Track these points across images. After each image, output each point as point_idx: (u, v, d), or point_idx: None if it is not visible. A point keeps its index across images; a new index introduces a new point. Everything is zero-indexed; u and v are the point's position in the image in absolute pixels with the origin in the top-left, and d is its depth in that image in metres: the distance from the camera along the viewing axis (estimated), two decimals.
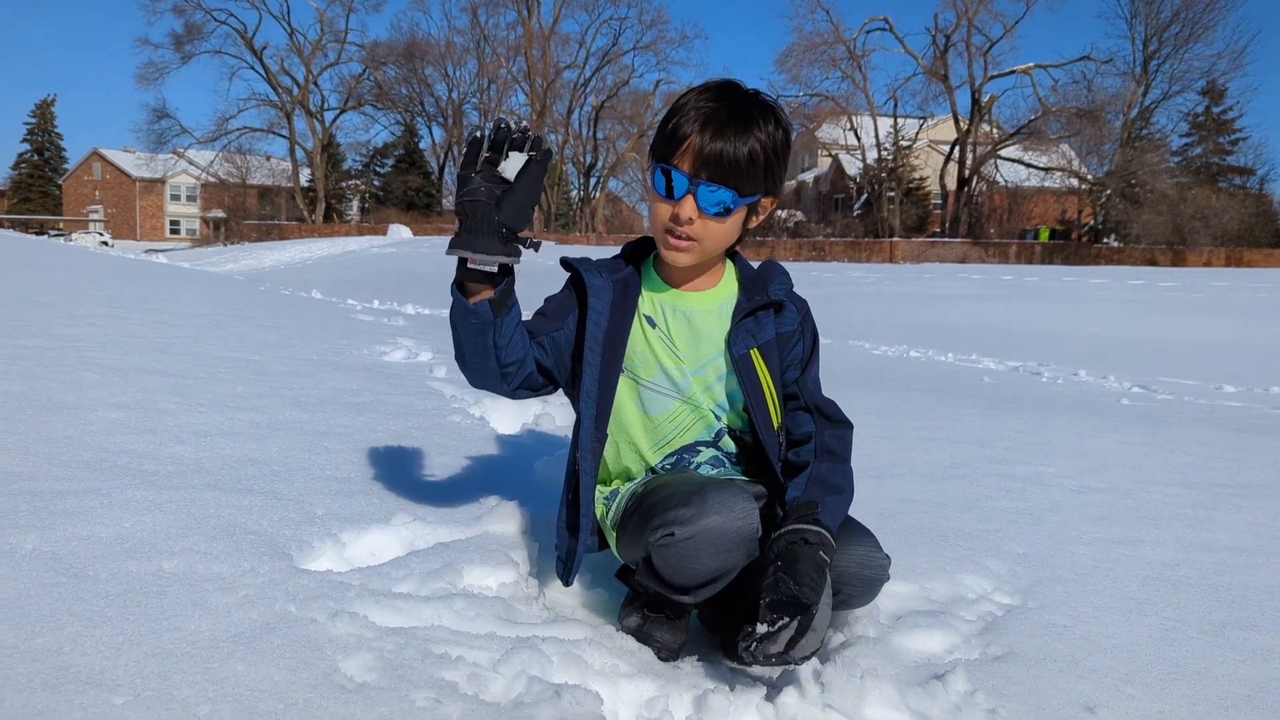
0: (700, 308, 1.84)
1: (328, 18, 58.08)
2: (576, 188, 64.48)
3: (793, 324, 1.85)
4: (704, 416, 1.87)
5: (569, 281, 1.88)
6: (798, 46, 50.82)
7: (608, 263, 1.90)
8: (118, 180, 74.25)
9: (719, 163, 1.64)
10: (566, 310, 1.84)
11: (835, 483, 1.77)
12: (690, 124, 1.65)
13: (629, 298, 1.83)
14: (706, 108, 1.66)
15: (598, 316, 1.80)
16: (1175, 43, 48.85)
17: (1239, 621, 1.94)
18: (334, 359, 4.34)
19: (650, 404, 1.86)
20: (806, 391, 1.86)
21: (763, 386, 1.81)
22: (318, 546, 1.91)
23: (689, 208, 1.67)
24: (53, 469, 2.09)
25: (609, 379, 1.80)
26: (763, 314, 1.82)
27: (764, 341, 1.82)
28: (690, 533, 1.60)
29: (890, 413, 4.48)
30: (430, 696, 1.37)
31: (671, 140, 1.67)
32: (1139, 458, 3.63)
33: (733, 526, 1.60)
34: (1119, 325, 13.75)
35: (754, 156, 1.65)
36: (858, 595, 1.75)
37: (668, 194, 1.69)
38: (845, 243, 45.15)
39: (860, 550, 1.72)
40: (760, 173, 1.68)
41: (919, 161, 52.34)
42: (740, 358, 1.79)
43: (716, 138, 1.63)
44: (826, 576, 1.57)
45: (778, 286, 1.87)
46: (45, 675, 1.28)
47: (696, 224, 1.68)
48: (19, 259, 7.14)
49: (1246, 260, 42.56)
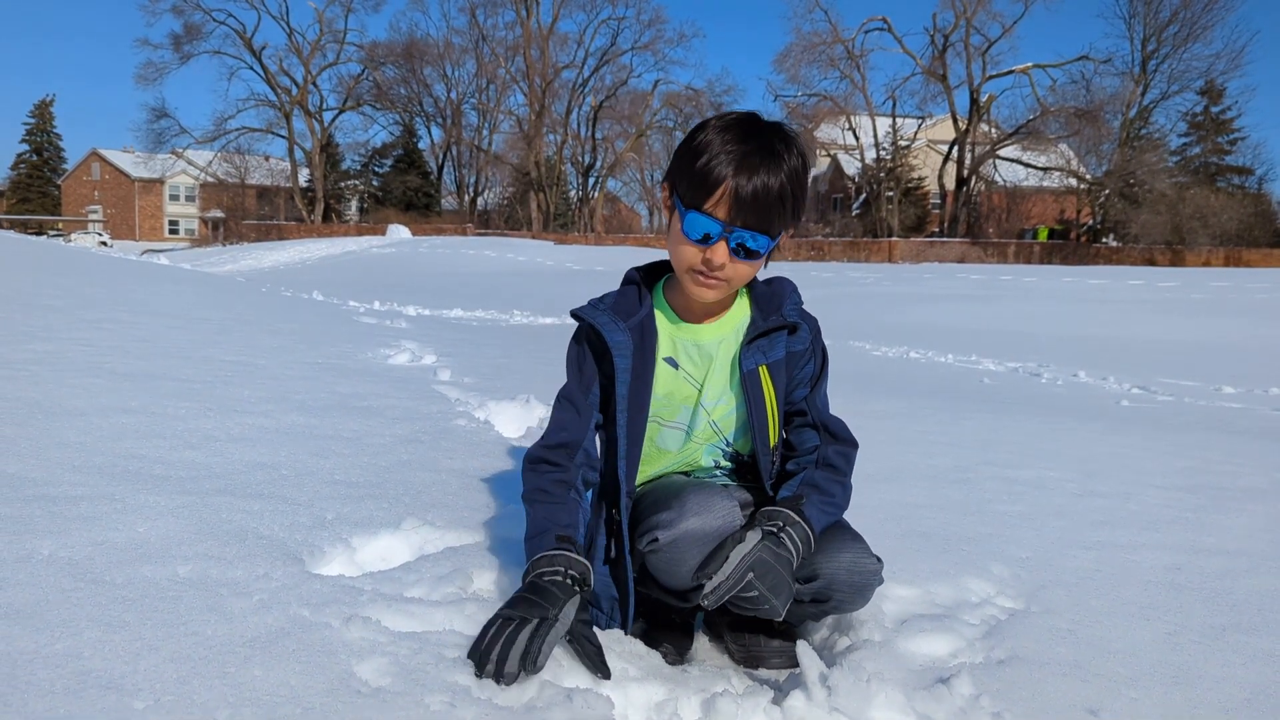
0: (716, 337, 1.84)
1: (326, 18, 58.25)
2: (575, 188, 64.57)
3: (804, 343, 1.86)
4: (714, 451, 1.91)
5: (585, 338, 1.85)
6: (796, 46, 50.98)
7: (619, 302, 1.85)
8: (116, 180, 74.26)
9: (754, 208, 1.62)
10: (591, 379, 1.83)
11: (827, 489, 1.80)
12: (722, 168, 1.61)
13: (647, 344, 1.81)
14: (736, 150, 1.62)
15: (623, 375, 1.78)
16: (1174, 42, 49.01)
17: (1241, 625, 1.96)
18: (339, 363, 4.37)
19: (668, 441, 1.89)
20: (815, 408, 1.88)
21: (766, 404, 1.82)
22: (329, 551, 1.93)
23: (722, 254, 1.65)
24: (66, 474, 2.11)
25: (636, 435, 1.80)
26: (776, 334, 1.83)
27: (774, 360, 1.82)
28: (672, 536, 1.65)
29: (892, 415, 4.50)
30: (445, 700, 1.39)
31: (704, 185, 1.63)
32: (1140, 461, 3.65)
33: (713, 525, 1.65)
34: (1118, 326, 13.78)
35: (784, 198, 1.64)
36: (850, 600, 1.78)
37: (702, 239, 1.66)
38: (844, 243, 45.19)
39: (848, 557, 1.74)
40: (790, 210, 1.67)
41: (917, 161, 52.41)
42: (748, 373, 1.80)
43: (751, 181, 1.60)
44: (790, 584, 1.64)
45: (791, 307, 1.86)
46: (66, 680, 1.30)
47: (727, 268, 1.68)
48: (22, 261, 7.15)
49: (1245, 260, 42.61)
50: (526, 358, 5.81)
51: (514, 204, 63.18)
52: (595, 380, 1.82)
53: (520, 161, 60.23)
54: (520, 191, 61.76)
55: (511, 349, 6.40)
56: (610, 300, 1.85)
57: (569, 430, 1.80)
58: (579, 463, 1.79)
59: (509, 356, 5.78)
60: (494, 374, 4.70)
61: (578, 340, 1.86)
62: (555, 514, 1.72)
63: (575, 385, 1.83)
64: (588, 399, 1.82)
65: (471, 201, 65.35)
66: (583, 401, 1.82)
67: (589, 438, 1.81)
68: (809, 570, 1.75)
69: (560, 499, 1.74)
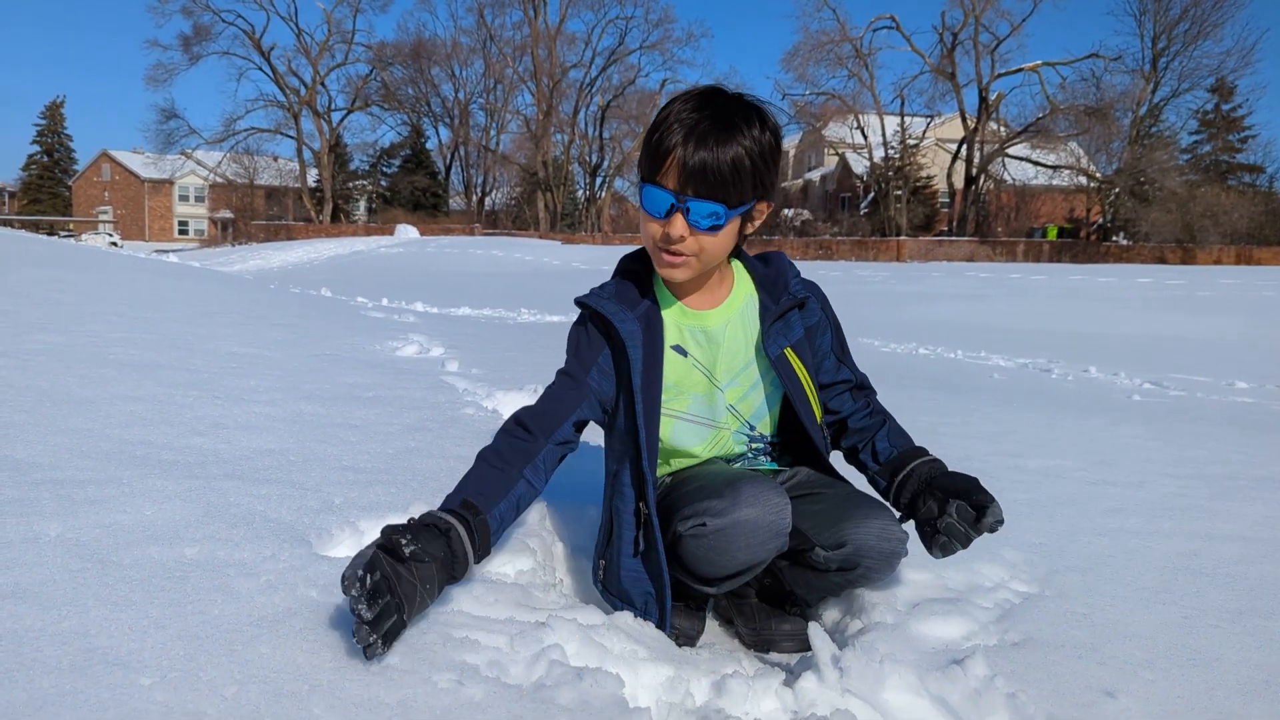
0: (721, 322, 1.82)
1: (335, 19, 58.31)
2: (582, 187, 64.55)
3: (816, 314, 1.87)
4: (741, 437, 1.88)
5: (592, 323, 1.82)
6: (804, 45, 50.77)
7: (622, 292, 1.82)
8: (127, 181, 74.53)
9: (703, 176, 1.57)
10: (590, 361, 1.80)
11: (905, 433, 1.93)
12: (672, 137, 1.58)
13: (654, 332, 1.78)
14: (688, 119, 1.59)
15: (637, 365, 1.75)
16: (1184, 40, 48.67)
17: (1257, 610, 1.94)
18: (347, 354, 4.36)
19: (688, 436, 1.84)
20: (855, 371, 1.96)
21: (803, 384, 1.82)
22: (337, 534, 1.92)
23: (679, 226, 1.62)
24: (74, 459, 2.11)
25: (653, 423, 1.76)
26: (791, 314, 1.82)
27: (796, 340, 1.82)
28: (723, 524, 1.61)
29: (901, 408, 4.46)
30: (452, 678, 1.38)
31: (655, 156, 1.61)
32: (1152, 452, 3.63)
33: (767, 519, 1.61)
34: (1128, 322, 13.72)
35: (739, 165, 1.58)
36: (877, 568, 1.77)
37: (656, 212, 1.64)
38: (852, 241, 45.07)
39: (878, 523, 1.74)
40: (748, 180, 1.61)
41: (926, 160, 52.25)
42: (777, 359, 1.79)
43: (699, 150, 1.56)
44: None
45: (795, 281, 1.85)
46: (73, 657, 1.29)
47: (689, 240, 1.64)
48: (34, 258, 7.17)
49: (1256, 258, 42.38)
50: (535, 351, 5.80)
51: (521, 204, 63.20)
52: (594, 364, 1.79)
53: (528, 161, 60.28)
54: (527, 191, 61.78)
55: (519, 344, 6.39)
56: (611, 289, 1.82)
57: (559, 401, 1.77)
58: (555, 438, 1.74)
59: (517, 350, 5.77)
60: (502, 366, 4.69)
61: (580, 324, 1.84)
62: (484, 479, 1.67)
63: (575, 363, 1.81)
64: (585, 377, 1.79)
65: (479, 201, 65.42)
66: (580, 378, 1.79)
67: (576, 413, 1.77)
68: (837, 537, 1.73)
69: (503, 466, 1.69)
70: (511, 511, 1.69)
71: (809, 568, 1.78)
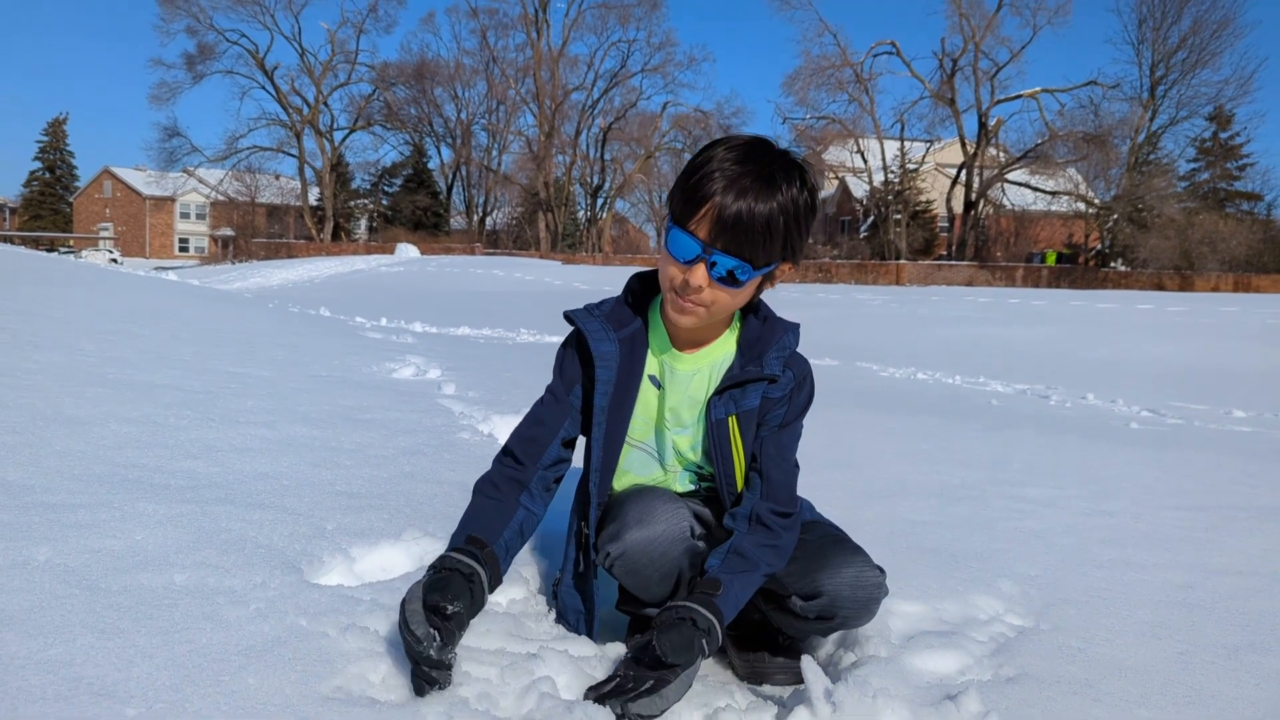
0: (690, 369, 1.78)
1: (339, 39, 58.69)
2: (584, 209, 64.77)
3: (782, 390, 1.75)
4: (690, 475, 1.87)
5: (575, 343, 1.81)
6: (805, 69, 51.11)
7: (614, 311, 1.80)
8: (128, 198, 74.72)
9: (735, 232, 1.54)
10: (573, 380, 1.80)
11: (754, 557, 1.69)
12: (711, 185, 1.54)
13: (635, 358, 1.77)
14: (731, 170, 1.54)
15: (604, 387, 1.74)
16: (1182, 69, 48.98)
17: (1254, 645, 1.93)
18: (343, 375, 4.35)
19: (637, 465, 1.85)
20: (765, 455, 1.77)
21: (733, 454, 1.76)
22: (328, 561, 1.91)
23: (700, 276, 1.58)
24: (65, 482, 2.10)
25: (613, 448, 1.77)
26: (752, 386, 1.74)
27: (745, 409, 1.74)
28: (620, 549, 1.66)
29: (899, 434, 4.47)
30: (441, 711, 1.36)
31: (691, 200, 1.56)
32: (1150, 481, 3.62)
33: (656, 532, 1.64)
34: (1127, 349, 13.72)
35: (772, 225, 1.54)
36: (855, 617, 1.74)
37: (680, 257, 1.60)
38: (852, 265, 45.21)
39: (851, 572, 1.71)
40: (779, 241, 1.58)
41: (926, 184, 52.46)
42: (716, 423, 1.74)
43: (737, 202, 1.52)
44: (696, 657, 1.52)
45: (775, 358, 1.74)
46: (59, 686, 1.27)
47: (706, 292, 1.61)
48: (31, 275, 7.17)
49: (1255, 286, 42.51)
50: (532, 374, 5.79)
51: (522, 224, 63.37)
52: (577, 383, 1.79)
53: (529, 182, 60.45)
54: (529, 211, 61.95)
55: (517, 366, 6.38)
56: (608, 307, 1.81)
57: (543, 424, 1.78)
58: (544, 462, 1.75)
59: (514, 372, 5.76)
60: (499, 389, 4.68)
61: (567, 344, 1.84)
62: (484, 512, 1.68)
63: (558, 383, 1.81)
64: (568, 396, 1.79)
65: (480, 221, 65.60)
66: (563, 397, 1.80)
67: (562, 433, 1.77)
68: (811, 587, 1.71)
69: (500, 497, 1.71)
70: (516, 540, 1.71)
71: (790, 614, 1.76)
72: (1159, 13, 48.72)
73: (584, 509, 1.82)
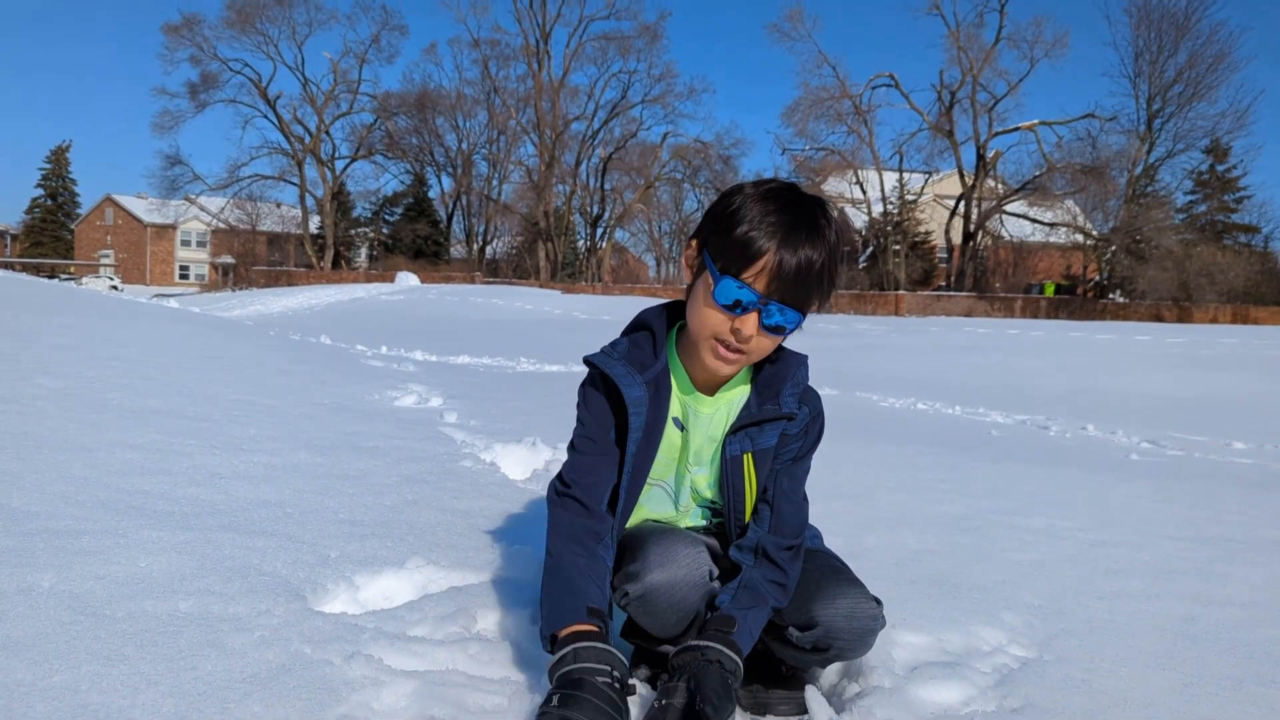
0: (710, 410, 1.79)
1: (341, 69, 59.12)
2: (583, 238, 65.02)
3: (799, 426, 1.78)
4: (703, 511, 1.88)
5: (600, 384, 1.78)
6: (804, 101, 51.41)
7: (633, 352, 1.77)
8: (129, 225, 75.01)
9: (795, 285, 1.57)
10: (608, 423, 1.76)
11: (762, 592, 1.71)
12: (765, 239, 1.56)
13: (660, 401, 1.75)
14: (779, 221, 1.57)
15: (635, 434, 1.73)
16: (1179, 102, 49.28)
17: (1258, 677, 1.92)
18: (346, 404, 4.36)
19: (653, 501, 1.86)
20: (779, 489, 1.79)
21: (745, 490, 1.78)
22: (332, 589, 1.91)
23: (752, 325, 1.60)
24: (69, 509, 2.10)
25: (635, 490, 1.77)
26: (770, 425, 1.76)
27: (762, 448, 1.76)
28: (641, 590, 1.63)
29: (901, 465, 4.47)
30: None
31: (744, 255, 1.57)
32: (1151, 512, 3.61)
33: (678, 576, 1.63)
34: (1126, 381, 13.73)
35: (825, 274, 1.59)
36: (851, 648, 1.73)
37: (733, 306, 1.60)
38: (851, 295, 45.31)
39: (846, 603, 1.70)
40: (828, 289, 1.62)
41: (924, 215, 52.68)
42: (731, 459, 1.76)
43: (795, 256, 1.55)
44: (733, 700, 1.52)
45: (790, 394, 1.76)
46: (63, 713, 1.27)
47: (754, 340, 1.62)
48: (33, 302, 7.18)
49: (1253, 317, 42.59)
50: (534, 403, 5.80)
51: (522, 253, 63.57)
52: (611, 426, 1.75)
53: (529, 211, 60.73)
54: (529, 241, 62.18)
55: (519, 394, 6.39)
56: (624, 349, 1.78)
57: (598, 473, 1.74)
58: (605, 512, 1.73)
59: (516, 401, 5.77)
60: (501, 417, 4.68)
61: (593, 385, 1.79)
62: (587, 575, 1.64)
63: (596, 428, 1.76)
64: (609, 437, 1.76)
65: (480, 250, 65.80)
66: (604, 439, 1.75)
67: (614, 477, 1.75)
68: (806, 618, 1.71)
69: (591, 553, 1.67)
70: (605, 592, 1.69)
71: (788, 644, 1.76)
72: (1155, 47, 49.15)
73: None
